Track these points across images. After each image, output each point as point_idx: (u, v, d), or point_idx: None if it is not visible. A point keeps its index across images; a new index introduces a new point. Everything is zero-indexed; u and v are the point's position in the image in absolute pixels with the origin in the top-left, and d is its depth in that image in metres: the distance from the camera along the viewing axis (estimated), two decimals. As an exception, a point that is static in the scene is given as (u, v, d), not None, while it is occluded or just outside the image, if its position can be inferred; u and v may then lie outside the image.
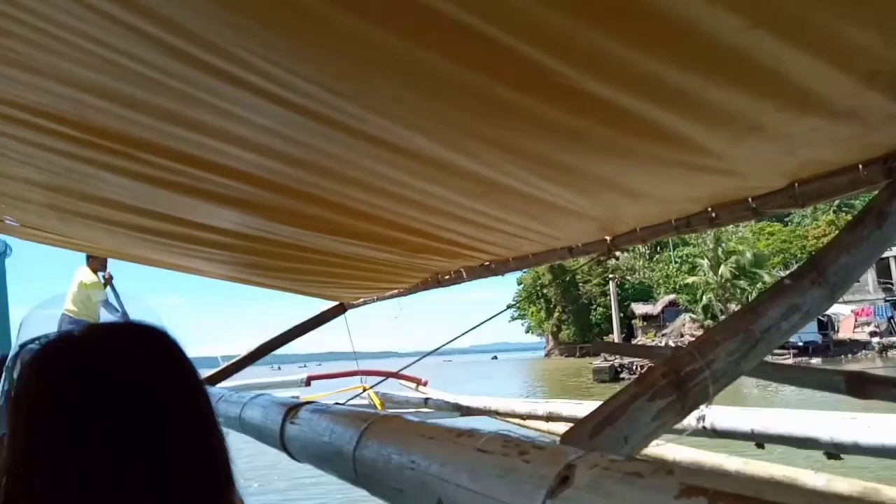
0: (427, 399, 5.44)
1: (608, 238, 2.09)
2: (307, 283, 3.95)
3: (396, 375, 6.45)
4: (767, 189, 1.56)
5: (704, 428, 2.28)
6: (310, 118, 1.47)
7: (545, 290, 54.96)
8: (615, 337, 41.07)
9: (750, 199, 1.61)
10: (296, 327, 4.69)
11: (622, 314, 47.45)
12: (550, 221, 2.06)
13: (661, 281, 45.49)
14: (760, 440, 2.27)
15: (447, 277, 3.16)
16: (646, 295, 47.79)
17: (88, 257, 6.10)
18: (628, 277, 47.34)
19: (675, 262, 44.58)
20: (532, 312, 61.59)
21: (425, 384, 6.47)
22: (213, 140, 1.73)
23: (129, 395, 0.60)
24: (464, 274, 3.00)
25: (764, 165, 1.47)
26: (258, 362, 4.40)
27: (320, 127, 1.52)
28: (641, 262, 44.13)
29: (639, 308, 46.44)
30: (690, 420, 2.40)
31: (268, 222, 2.52)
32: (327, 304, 4.58)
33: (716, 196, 1.68)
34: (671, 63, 1.05)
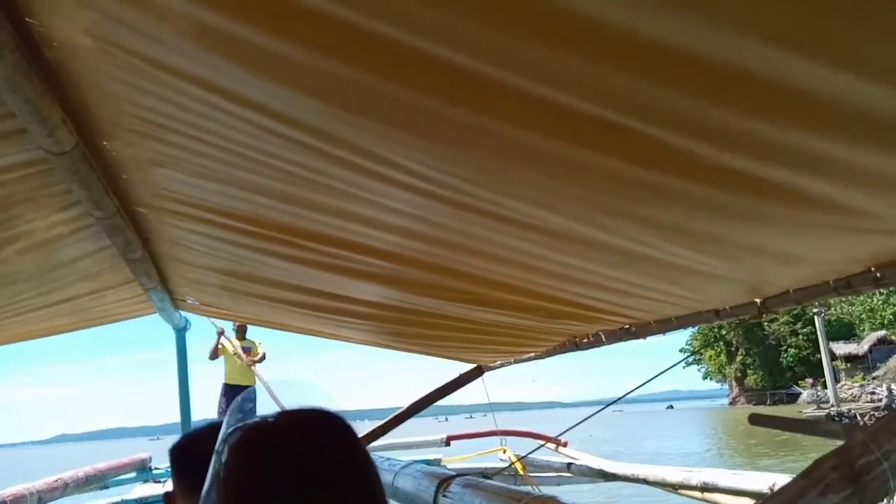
0: (570, 464, 5.25)
1: (758, 300, 1.99)
2: (445, 347, 4.07)
3: (535, 436, 6.32)
4: (941, 246, 1.43)
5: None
6: (446, 204, 1.58)
7: (724, 332, 49.91)
8: (828, 380, 33.39)
9: (920, 257, 1.48)
10: (436, 390, 4.81)
11: (818, 355, 41.98)
12: (694, 286, 2.00)
13: (863, 316, 40.33)
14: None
15: (585, 341, 3.11)
16: (846, 333, 42.31)
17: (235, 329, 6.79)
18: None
19: (881, 294, 39.52)
20: (710, 356, 55.93)
21: (565, 445, 6.26)
22: (362, 226, 1.91)
23: (320, 478, 0.68)
24: (603, 337, 2.95)
25: (932, 223, 1.35)
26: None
27: (456, 211, 1.62)
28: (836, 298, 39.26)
29: (839, 348, 40.45)
30: None
31: (409, 294, 2.67)
32: (466, 367, 4.67)
33: (880, 255, 1.56)
34: (813, 134, 1.03)
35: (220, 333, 6.90)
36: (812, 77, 0.88)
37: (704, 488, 3.28)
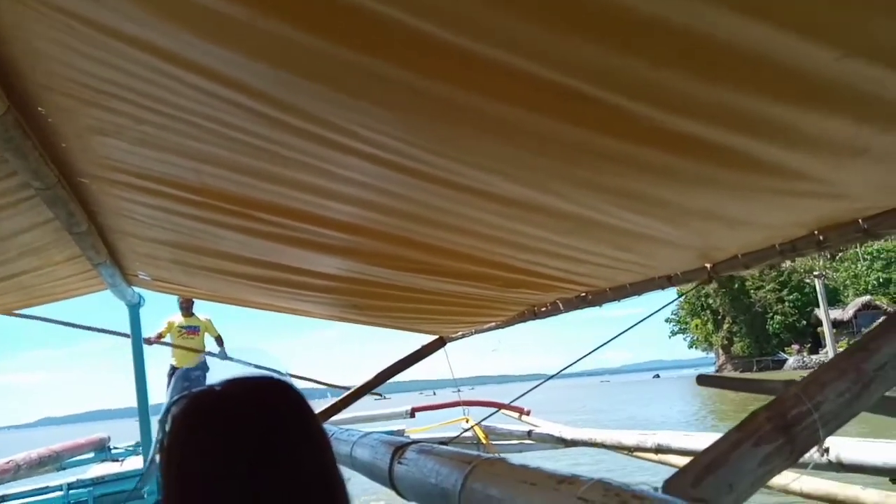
0: (530, 431, 5.36)
1: (708, 266, 2.04)
2: (406, 319, 4.07)
3: (498, 405, 6.43)
4: (879, 209, 1.48)
5: (830, 462, 2.12)
6: (402, 172, 1.56)
7: (711, 301, 50.19)
8: (829, 344, 32.95)
9: (861, 221, 1.53)
10: (398, 362, 4.82)
11: (804, 322, 42.73)
12: (646, 252, 2.04)
13: (847, 282, 40.25)
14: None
15: (543, 309, 3.16)
16: (831, 299, 41.28)
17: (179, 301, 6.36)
18: (807, 280, 42.44)
19: (865, 259, 39.13)
20: (696, 325, 55.86)
21: (528, 414, 6.39)
22: (319, 197, 1.87)
23: (267, 446, 0.67)
24: (560, 306, 2.99)
25: (873, 187, 1.39)
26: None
27: (412, 180, 1.60)
28: (822, 263, 38.39)
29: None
30: (813, 453, 2.25)
31: (367, 266, 2.65)
32: (427, 339, 4.69)
33: (823, 219, 1.61)
34: (762, 98, 1.04)
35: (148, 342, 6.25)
36: (759, 39, 0.89)
37: (658, 450, 3.40)
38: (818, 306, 39.20)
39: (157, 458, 0.72)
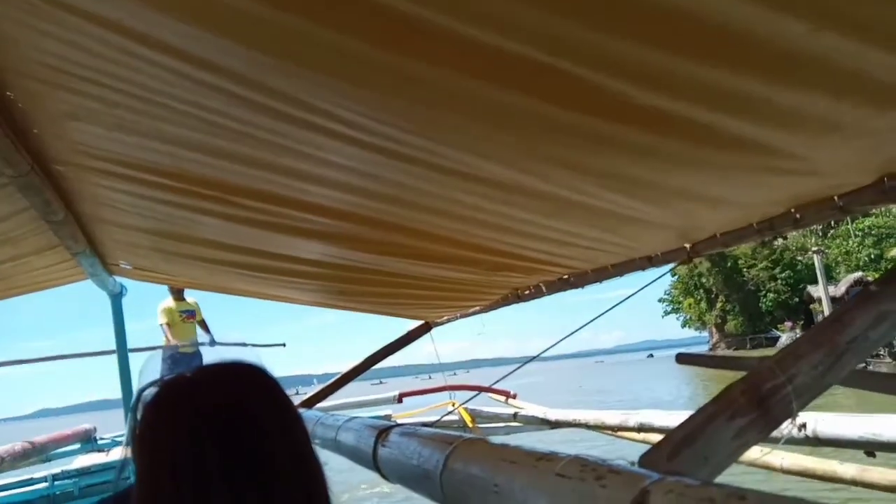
0: (515, 413, 5.41)
1: (687, 245, 2.05)
2: (392, 305, 4.07)
3: (484, 389, 6.46)
4: (854, 186, 1.49)
5: (807, 437, 2.16)
6: (383, 155, 1.55)
7: (704, 280, 50.20)
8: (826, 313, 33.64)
9: (836, 198, 1.54)
10: (384, 348, 4.83)
11: (797, 299, 42.42)
12: (626, 233, 2.05)
13: (839, 259, 39.66)
14: (871, 448, 2.13)
15: (527, 292, 3.17)
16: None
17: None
18: (799, 258, 42.13)
19: (856, 236, 38.60)
20: (689, 304, 55.85)
21: (514, 397, 6.43)
22: (300, 181, 1.86)
23: (238, 430, 0.67)
24: (543, 288, 3.01)
25: (848, 163, 1.41)
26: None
27: (394, 162, 1.60)
28: (814, 240, 37.61)
29: (816, 291, 39.26)
30: (790, 428, 2.29)
31: (351, 251, 2.64)
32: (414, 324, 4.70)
33: (799, 197, 1.62)
34: (735, 72, 1.04)
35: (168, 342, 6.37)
36: (732, 12, 0.89)
37: (641, 428, 3.44)
38: (810, 283, 39.50)
39: (130, 445, 0.71)
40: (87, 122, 1.69)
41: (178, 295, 6.37)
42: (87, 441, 6.22)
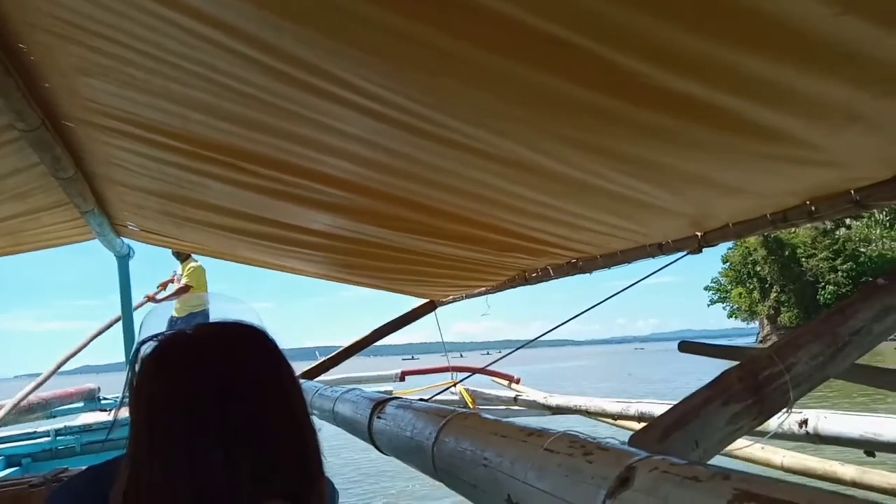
0: (516, 397, 5.42)
1: (699, 234, 2.03)
2: (397, 280, 4.07)
3: (486, 372, 6.47)
4: (872, 180, 1.46)
5: (808, 433, 2.15)
6: (398, 128, 1.53)
7: (758, 269, 48.08)
8: None
9: (853, 192, 1.51)
10: (389, 323, 4.85)
11: None
12: (638, 219, 2.02)
13: None
14: (871, 448, 2.11)
15: (534, 275, 3.15)
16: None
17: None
18: (862, 249, 40.34)
19: None
20: (740, 294, 53.09)
21: (518, 381, 6.44)
22: (310, 150, 1.84)
23: (234, 386, 0.66)
24: (551, 272, 2.99)
25: (866, 156, 1.38)
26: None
27: (408, 135, 1.57)
28: (879, 231, 35.64)
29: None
30: (792, 425, 2.28)
31: (359, 224, 2.63)
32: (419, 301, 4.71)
33: (815, 189, 1.59)
34: (758, 56, 1.02)
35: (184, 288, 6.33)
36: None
37: (641, 418, 3.44)
38: (873, 276, 37.44)
39: (127, 397, 0.71)
40: (99, 78, 1.67)
41: (186, 258, 6.39)
42: (91, 400, 6.32)
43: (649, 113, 1.24)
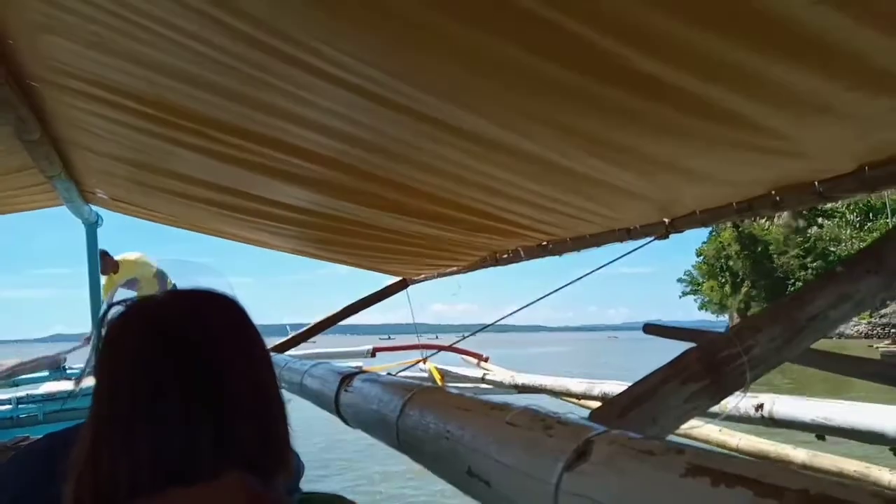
0: (484, 376, 5.49)
1: (666, 220, 2.06)
2: (370, 258, 4.06)
3: (455, 349, 6.54)
4: (835, 173, 1.50)
5: (763, 417, 2.22)
6: (372, 100, 1.51)
7: (731, 263, 49.50)
8: None
9: (816, 183, 1.55)
10: (360, 301, 4.84)
11: None
12: (607, 202, 2.04)
13: None
14: (821, 432, 2.19)
15: (505, 256, 3.17)
16: None
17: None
18: (832, 248, 41.45)
19: None
20: (712, 287, 54.64)
21: (486, 360, 6.51)
22: (282, 121, 1.81)
23: (198, 350, 0.66)
24: (521, 253, 3.01)
25: (832, 147, 1.41)
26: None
27: (382, 109, 1.56)
28: (849, 232, 37.38)
29: None
30: (748, 408, 2.35)
31: (333, 200, 2.60)
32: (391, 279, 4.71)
33: (780, 179, 1.63)
34: (730, 40, 1.02)
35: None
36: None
37: (604, 398, 3.50)
38: None
39: (91, 364, 0.71)
40: (63, 36, 1.62)
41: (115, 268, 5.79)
42: (57, 369, 6.21)
43: (619, 93, 1.24)
